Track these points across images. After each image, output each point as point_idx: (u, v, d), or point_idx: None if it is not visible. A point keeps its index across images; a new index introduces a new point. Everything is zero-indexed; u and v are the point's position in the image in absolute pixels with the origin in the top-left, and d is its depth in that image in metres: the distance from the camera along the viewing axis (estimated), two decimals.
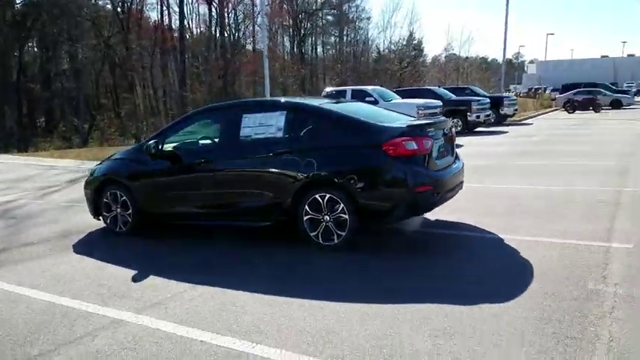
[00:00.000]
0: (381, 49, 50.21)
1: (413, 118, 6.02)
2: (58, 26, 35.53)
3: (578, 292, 3.54)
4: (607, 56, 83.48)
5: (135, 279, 4.40)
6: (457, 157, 5.64)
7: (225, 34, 40.12)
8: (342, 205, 4.72)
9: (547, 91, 46.77)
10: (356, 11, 49.47)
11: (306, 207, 4.90)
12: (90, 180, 6.33)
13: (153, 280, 4.34)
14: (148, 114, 36.25)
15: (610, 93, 32.78)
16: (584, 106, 29.31)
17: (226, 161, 5.37)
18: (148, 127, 30.43)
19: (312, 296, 3.71)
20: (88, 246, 5.65)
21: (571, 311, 3.24)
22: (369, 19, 49.60)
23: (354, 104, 6.52)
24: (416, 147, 4.64)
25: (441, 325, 3.14)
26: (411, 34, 49.64)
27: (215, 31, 40.25)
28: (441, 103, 15.62)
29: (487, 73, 60.05)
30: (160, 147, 5.61)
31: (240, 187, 5.31)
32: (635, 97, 36.76)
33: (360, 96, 14.46)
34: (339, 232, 4.79)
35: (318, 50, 50.97)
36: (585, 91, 31.76)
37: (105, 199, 5.99)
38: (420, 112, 13.18)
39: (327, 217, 4.82)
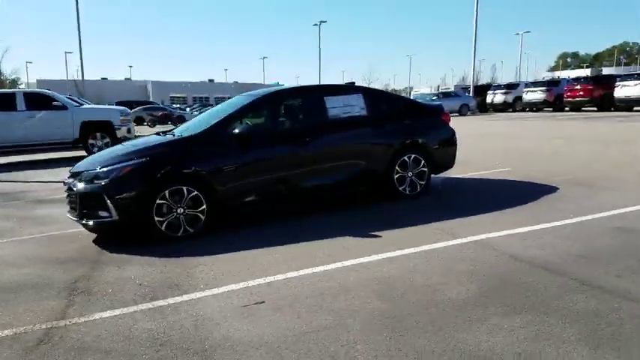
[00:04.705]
0: None
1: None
2: None
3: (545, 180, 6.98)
4: (130, 79, 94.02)
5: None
6: None
7: None
8: (423, 161, 6.37)
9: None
10: None
11: (397, 167, 6.22)
12: (119, 187, 4.82)
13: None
14: None
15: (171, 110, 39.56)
16: (163, 120, 34.48)
17: (326, 138, 5.82)
18: None
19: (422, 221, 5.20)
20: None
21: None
22: None
23: None
24: (450, 117, 6.92)
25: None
26: None
27: None
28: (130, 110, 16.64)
29: None
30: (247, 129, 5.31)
31: (342, 160, 5.90)
32: None
33: (42, 101, 13.19)
34: (420, 183, 6.39)
35: None
36: (157, 107, 38.48)
37: (161, 200, 4.86)
38: (122, 117, 14.25)
39: (410, 173, 6.33)
